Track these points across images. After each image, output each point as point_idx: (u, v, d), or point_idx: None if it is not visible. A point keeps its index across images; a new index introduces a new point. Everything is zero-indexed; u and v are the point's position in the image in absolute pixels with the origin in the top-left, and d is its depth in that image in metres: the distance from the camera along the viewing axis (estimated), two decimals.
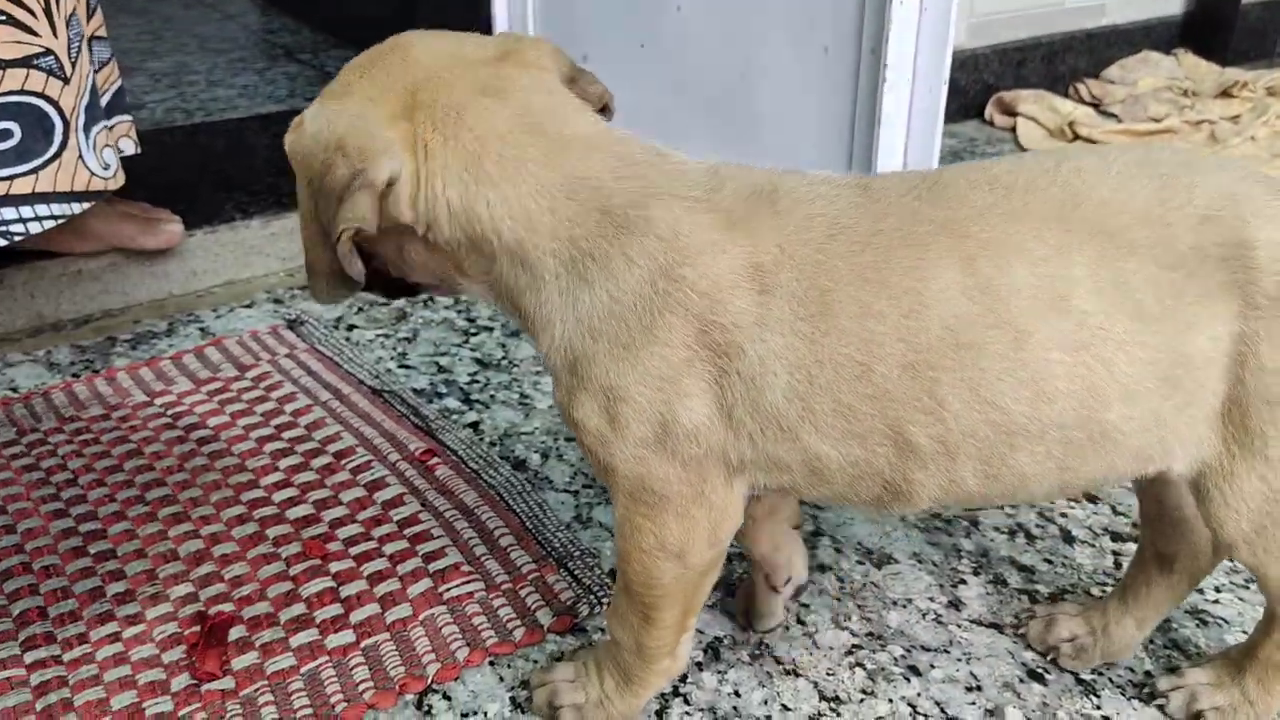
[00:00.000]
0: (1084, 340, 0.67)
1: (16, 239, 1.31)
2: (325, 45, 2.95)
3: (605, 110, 0.81)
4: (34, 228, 1.32)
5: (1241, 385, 0.69)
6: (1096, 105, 2.58)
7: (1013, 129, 2.47)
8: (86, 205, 1.38)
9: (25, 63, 1.28)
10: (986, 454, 0.70)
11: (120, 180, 1.43)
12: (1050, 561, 1.06)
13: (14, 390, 1.38)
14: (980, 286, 0.67)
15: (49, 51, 1.31)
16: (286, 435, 1.25)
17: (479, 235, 0.73)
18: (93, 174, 1.38)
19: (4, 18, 1.25)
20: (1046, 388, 0.67)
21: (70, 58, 1.35)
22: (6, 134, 1.28)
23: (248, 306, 1.61)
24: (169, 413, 1.30)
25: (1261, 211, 0.67)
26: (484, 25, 1.96)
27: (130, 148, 1.58)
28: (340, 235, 0.71)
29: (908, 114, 1.42)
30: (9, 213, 1.30)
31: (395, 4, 2.40)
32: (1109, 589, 1.03)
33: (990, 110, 2.53)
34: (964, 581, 1.03)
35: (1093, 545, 1.09)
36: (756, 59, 1.57)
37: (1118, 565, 1.06)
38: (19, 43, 1.27)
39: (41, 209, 1.33)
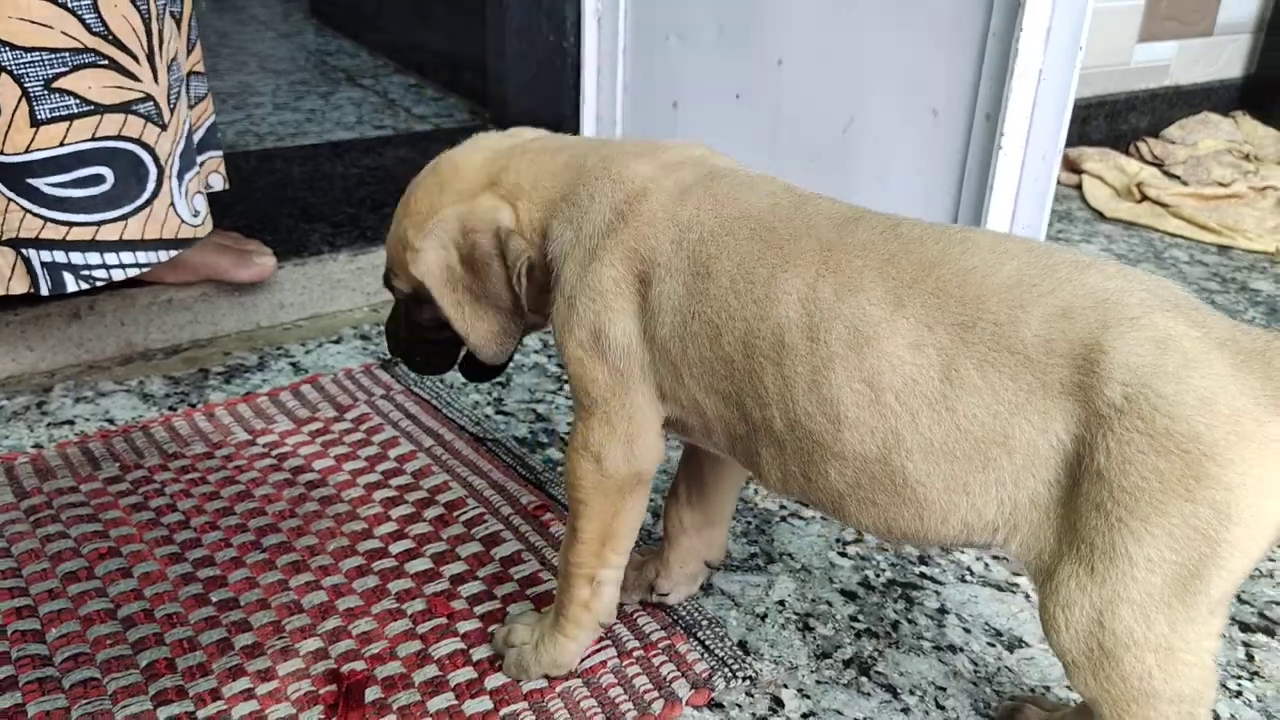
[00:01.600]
0: (890, 384, 0.70)
1: (97, 284, 1.31)
2: (385, 70, 2.95)
3: None
4: (116, 274, 1.32)
5: (1076, 487, 0.67)
6: (1159, 165, 2.59)
7: (1077, 186, 2.47)
8: (173, 254, 1.37)
9: (124, 108, 1.28)
10: (803, 456, 0.77)
11: (209, 227, 1.43)
12: None
13: (111, 422, 1.37)
14: (816, 301, 0.74)
15: (149, 97, 1.30)
16: (394, 482, 1.24)
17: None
18: (183, 222, 1.37)
19: (106, 61, 1.25)
20: (843, 412, 0.72)
21: (170, 104, 1.34)
22: (98, 179, 1.28)
23: (335, 341, 1.60)
24: (273, 453, 1.29)
25: (1125, 319, 0.65)
26: (575, 56, 1.97)
27: (219, 183, 1.58)
28: (518, 269, 0.87)
29: (1018, 181, 1.42)
30: (93, 258, 1.29)
31: (468, 39, 2.41)
32: (1242, 682, 1.02)
33: None
34: None
35: (1223, 636, 1.07)
36: (859, 117, 1.57)
37: (1249, 657, 1.05)
38: (119, 87, 1.27)
39: (126, 256, 1.32)
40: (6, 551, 1.10)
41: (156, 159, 1.32)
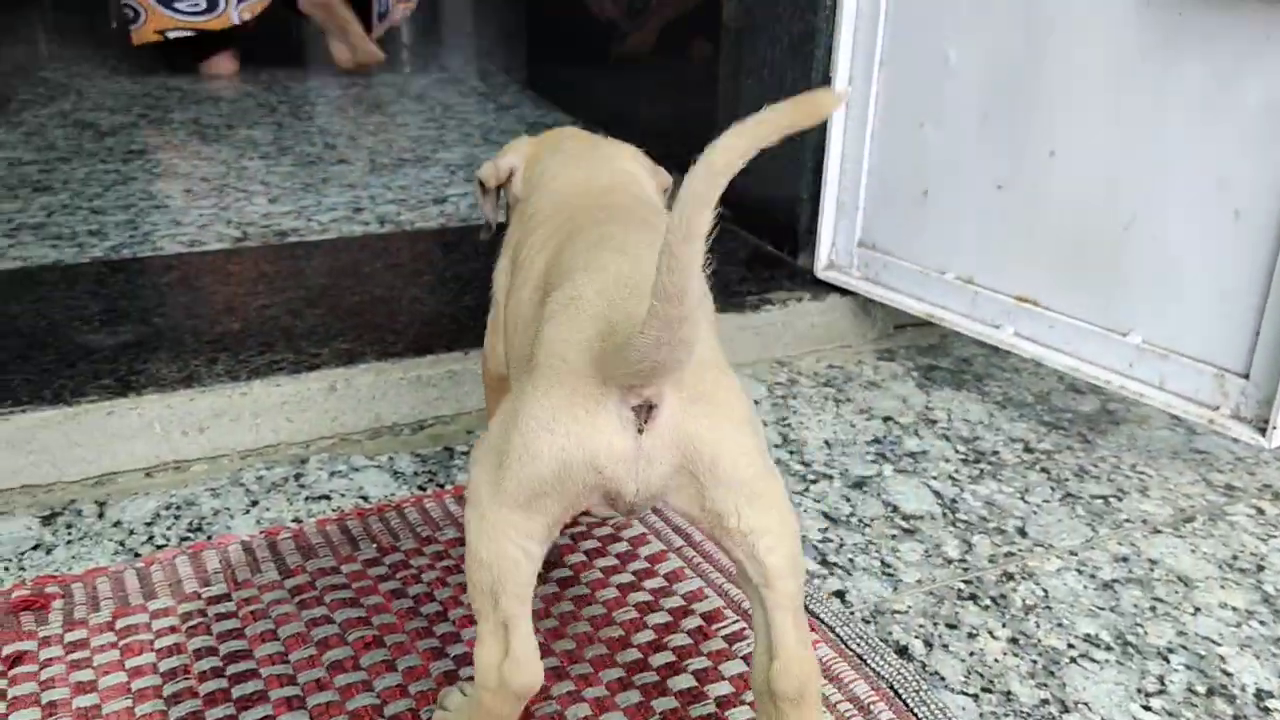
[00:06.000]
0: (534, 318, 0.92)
1: None
2: None
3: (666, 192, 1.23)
4: None
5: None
6: None
7: None
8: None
9: None
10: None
11: None
12: None
13: (365, 499, 1.38)
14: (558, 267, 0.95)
15: None
16: (647, 585, 1.19)
17: (523, 195, 1.18)
18: None
19: None
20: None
21: None
22: None
23: None
24: None
25: (579, 282, 0.84)
26: (817, 140, 1.92)
27: None
28: (476, 178, 1.24)
29: None
30: None
31: (692, 115, 2.41)
32: None
33: None
34: None
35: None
36: (1143, 214, 1.46)
37: None
38: None
39: None
40: (274, 634, 1.10)
41: None
